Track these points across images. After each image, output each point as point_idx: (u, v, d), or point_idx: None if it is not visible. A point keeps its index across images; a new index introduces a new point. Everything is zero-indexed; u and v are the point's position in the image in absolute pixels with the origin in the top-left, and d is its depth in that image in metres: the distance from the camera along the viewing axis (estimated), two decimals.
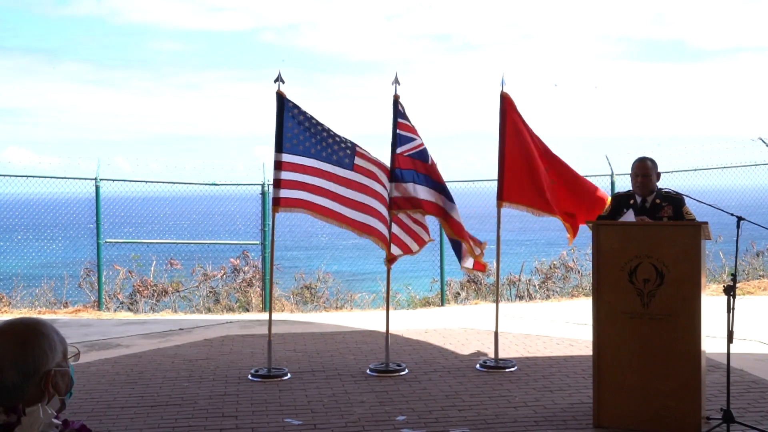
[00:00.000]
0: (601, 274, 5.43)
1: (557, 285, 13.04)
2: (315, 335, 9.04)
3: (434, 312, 11.25)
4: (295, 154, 7.08)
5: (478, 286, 12.88)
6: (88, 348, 8.21)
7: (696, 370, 5.19)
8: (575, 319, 9.89)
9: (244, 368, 7.33)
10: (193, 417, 5.86)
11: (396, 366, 7.23)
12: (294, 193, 7.14)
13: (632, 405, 5.31)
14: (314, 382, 6.80)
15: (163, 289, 12.16)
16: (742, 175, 13.78)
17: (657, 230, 5.38)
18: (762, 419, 5.50)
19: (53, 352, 1.90)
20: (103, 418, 5.83)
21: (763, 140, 12.95)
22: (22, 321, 1.93)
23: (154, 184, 12.42)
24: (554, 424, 5.57)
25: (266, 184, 11.69)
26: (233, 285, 12.44)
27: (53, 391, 1.90)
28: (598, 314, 5.43)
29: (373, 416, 5.80)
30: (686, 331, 5.20)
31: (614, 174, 12.82)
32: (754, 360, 7.24)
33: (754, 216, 5.75)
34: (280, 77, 7.05)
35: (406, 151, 7.22)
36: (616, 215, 5.85)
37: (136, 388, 6.68)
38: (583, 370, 6.97)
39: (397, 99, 7.25)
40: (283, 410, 5.98)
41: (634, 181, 5.80)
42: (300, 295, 12.45)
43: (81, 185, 11.78)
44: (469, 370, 7.21)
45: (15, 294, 11.83)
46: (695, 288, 5.19)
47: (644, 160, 5.78)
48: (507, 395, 6.31)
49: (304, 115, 7.13)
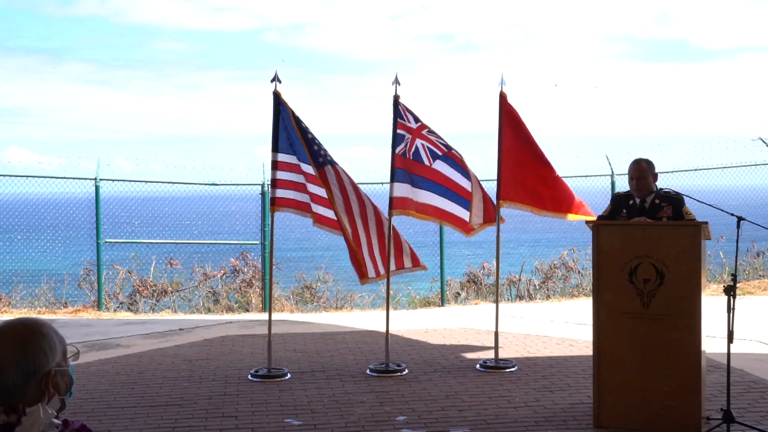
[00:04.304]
0: (601, 274, 5.43)
1: (557, 285, 13.04)
2: (315, 335, 9.04)
3: (434, 312, 11.25)
4: (291, 154, 7.11)
5: (478, 286, 12.89)
6: (88, 348, 8.21)
7: (696, 370, 5.19)
8: (575, 319, 9.89)
9: (244, 368, 7.33)
10: (193, 417, 5.86)
11: (396, 366, 7.23)
12: (290, 194, 7.18)
13: (632, 405, 5.31)
14: (314, 382, 6.80)
15: (163, 289, 12.15)
16: (742, 175, 13.78)
17: (657, 230, 5.38)
18: (762, 419, 5.50)
19: (53, 352, 1.90)
20: (103, 418, 5.83)
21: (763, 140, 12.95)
22: (22, 321, 1.93)
23: (154, 184, 12.42)
24: (554, 424, 5.57)
25: (266, 184, 11.68)
26: (233, 285, 12.44)
27: (53, 391, 1.90)
28: (598, 314, 5.43)
29: (373, 416, 5.80)
30: (686, 331, 5.19)
31: (614, 174, 12.83)
32: (754, 360, 7.24)
33: (754, 216, 5.74)
34: (276, 77, 7.06)
35: (401, 151, 7.22)
36: (616, 215, 5.85)
37: (136, 388, 6.68)
38: (583, 370, 6.97)
39: (397, 99, 7.25)
40: (283, 410, 5.98)
41: (630, 184, 5.79)
42: (300, 295, 12.45)
43: (81, 185, 11.77)
44: (469, 370, 7.21)
45: (15, 294, 11.83)
46: (695, 288, 5.19)
47: (639, 162, 5.76)
48: (507, 395, 6.31)
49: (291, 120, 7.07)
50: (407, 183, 7.22)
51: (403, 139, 7.23)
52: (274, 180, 7.13)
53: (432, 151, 7.31)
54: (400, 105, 7.26)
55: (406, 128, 7.26)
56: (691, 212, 5.68)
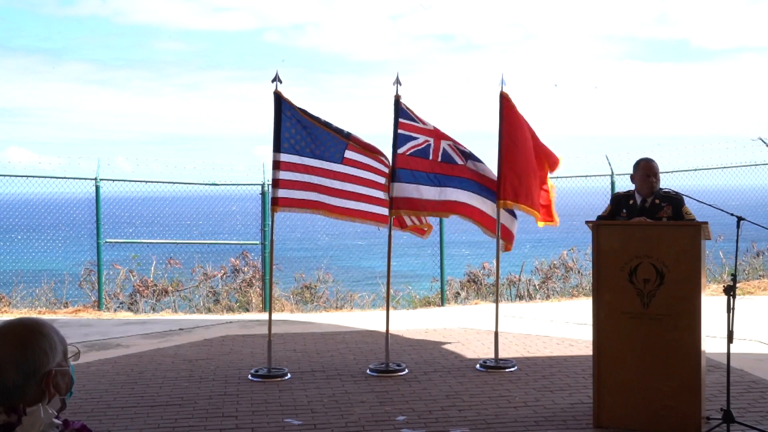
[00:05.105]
0: (601, 274, 5.43)
1: (557, 285, 13.04)
2: (315, 335, 9.04)
3: (434, 312, 11.25)
4: (293, 154, 7.12)
5: (478, 286, 12.89)
6: (88, 348, 8.21)
7: (696, 370, 5.19)
8: (575, 319, 9.89)
9: (244, 368, 7.33)
10: (193, 417, 5.86)
11: (396, 366, 7.23)
12: (292, 193, 7.17)
13: (632, 405, 5.31)
14: (314, 382, 6.81)
15: (163, 289, 12.15)
16: (742, 175, 13.78)
17: (657, 230, 5.38)
18: (762, 419, 5.50)
19: (53, 352, 1.90)
20: (103, 418, 5.83)
21: (763, 140, 12.95)
22: (22, 321, 1.93)
23: (154, 184, 12.42)
24: (554, 424, 5.57)
25: (266, 184, 11.68)
26: (233, 285, 12.44)
27: (54, 391, 1.90)
28: (598, 314, 5.43)
29: (373, 416, 5.80)
30: (686, 331, 5.19)
31: (614, 174, 12.82)
32: (754, 360, 7.24)
33: (754, 216, 5.74)
34: (277, 77, 7.07)
35: (407, 150, 7.23)
36: (616, 215, 5.85)
37: (136, 388, 6.68)
38: (583, 370, 6.97)
39: (398, 99, 7.26)
40: (283, 410, 5.98)
41: (643, 181, 5.69)
42: (300, 295, 12.45)
43: (81, 185, 11.77)
44: (469, 370, 7.21)
45: (15, 294, 11.83)
46: (695, 288, 5.19)
47: (651, 160, 5.75)
48: (507, 395, 6.31)
49: (300, 114, 7.13)
50: (410, 183, 7.22)
51: (408, 140, 7.23)
52: (276, 180, 7.14)
53: (463, 152, 7.36)
54: (402, 104, 7.26)
55: (416, 129, 7.26)
56: (691, 212, 5.67)
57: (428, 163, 7.28)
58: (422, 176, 7.25)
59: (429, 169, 7.27)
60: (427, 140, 7.28)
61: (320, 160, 7.19)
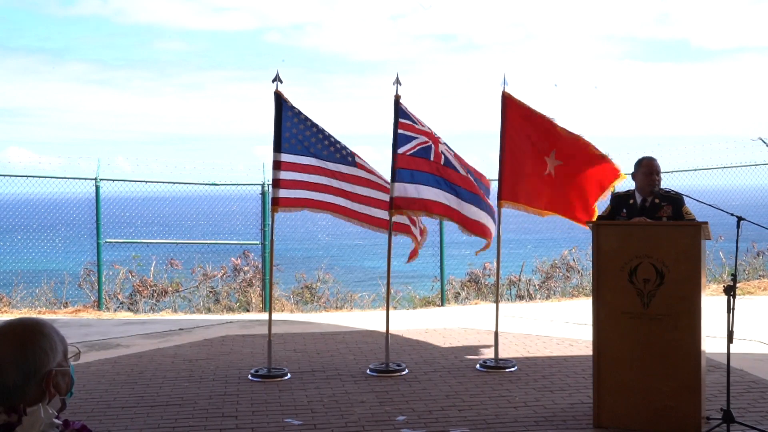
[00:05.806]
0: (601, 274, 5.43)
1: (557, 285, 13.04)
2: (315, 335, 9.04)
3: (434, 312, 11.25)
4: (293, 154, 7.12)
5: (479, 286, 12.89)
6: (88, 348, 8.21)
7: (696, 370, 5.19)
8: (575, 319, 9.89)
9: (244, 368, 7.33)
10: (193, 417, 5.86)
11: (396, 366, 7.23)
12: (293, 193, 7.18)
13: (632, 405, 5.31)
14: (314, 382, 6.81)
15: (163, 289, 12.15)
16: (742, 175, 13.78)
17: (657, 230, 5.38)
18: (762, 419, 5.50)
19: (54, 352, 1.90)
20: (103, 418, 5.83)
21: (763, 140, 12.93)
22: (22, 321, 1.93)
23: (154, 184, 12.42)
24: (554, 424, 5.57)
25: (266, 184, 11.68)
26: (233, 285, 12.44)
27: (54, 391, 1.90)
28: (598, 314, 5.43)
29: (373, 416, 5.80)
30: (686, 331, 5.19)
31: None
32: (754, 360, 7.24)
33: (754, 216, 5.74)
34: (278, 77, 7.07)
35: (408, 151, 7.22)
36: (616, 215, 5.85)
37: (136, 388, 6.68)
38: (583, 370, 6.97)
39: (398, 99, 7.26)
40: (283, 410, 5.98)
41: (645, 179, 5.70)
42: (300, 295, 12.46)
43: (81, 185, 11.77)
44: (469, 370, 7.21)
45: (15, 294, 11.83)
46: (695, 288, 5.19)
47: (653, 158, 5.77)
48: (507, 395, 6.31)
49: (303, 116, 7.16)
50: (410, 183, 7.22)
51: (408, 140, 7.23)
52: (276, 180, 7.14)
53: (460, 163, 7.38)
54: (401, 104, 7.26)
55: (416, 130, 7.26)
56: (691, 212, 5.68)
57: (428, 164, 7.28)
58: (422, 176, 7.25)
59: (429, 170, 7.27)
60: (427, 141, 7.29)
61: (328, 161, 7.20)
